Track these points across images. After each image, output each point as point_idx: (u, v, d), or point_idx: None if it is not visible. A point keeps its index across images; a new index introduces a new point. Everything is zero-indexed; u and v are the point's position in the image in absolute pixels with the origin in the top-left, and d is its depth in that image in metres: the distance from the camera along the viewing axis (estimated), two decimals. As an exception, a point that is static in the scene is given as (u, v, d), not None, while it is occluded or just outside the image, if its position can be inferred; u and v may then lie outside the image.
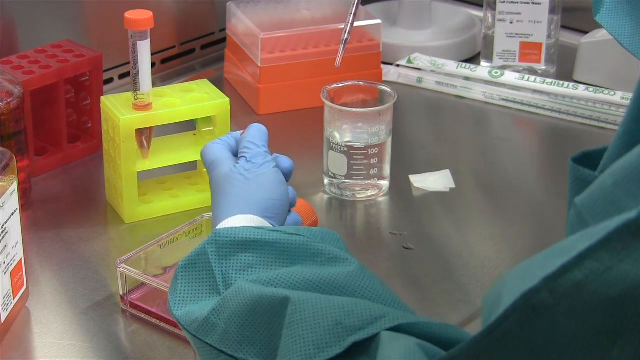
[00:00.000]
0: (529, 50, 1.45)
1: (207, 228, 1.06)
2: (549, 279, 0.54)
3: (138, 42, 1.08)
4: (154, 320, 0.98)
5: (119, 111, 1.10)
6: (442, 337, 0.68)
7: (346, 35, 1.27)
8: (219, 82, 1.43)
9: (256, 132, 0.93)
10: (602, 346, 0.54)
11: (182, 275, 0.80)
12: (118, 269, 0.99)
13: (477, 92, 1.43)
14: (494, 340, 0.56)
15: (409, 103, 1.42)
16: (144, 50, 1.09)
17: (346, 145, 1.16)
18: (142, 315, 0.99)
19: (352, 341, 0.67)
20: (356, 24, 1.39)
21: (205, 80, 1.18)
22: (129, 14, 1.07)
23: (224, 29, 1.47)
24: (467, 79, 1.44)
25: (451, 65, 1.45)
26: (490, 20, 1.46)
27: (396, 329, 0.68)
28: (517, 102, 1.41)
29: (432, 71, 1.46)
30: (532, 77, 1.41)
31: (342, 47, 1.26)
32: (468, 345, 0.57)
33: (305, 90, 1.36)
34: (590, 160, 0.68)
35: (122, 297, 1.00)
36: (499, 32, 1.45)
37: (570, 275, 0.54)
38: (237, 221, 0.84)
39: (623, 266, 0.53)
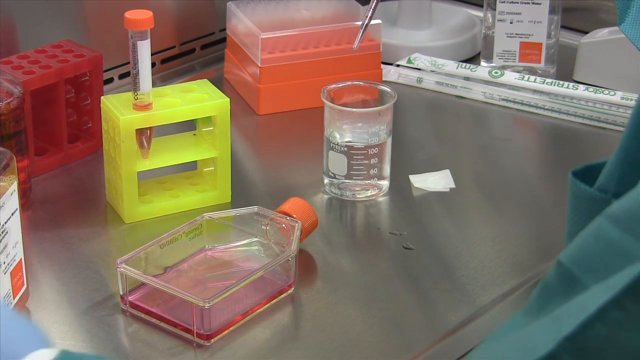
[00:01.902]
0: (529, 50, 1.45)
1: (207, 228, 1.06)
2: (568, 339, 0.50)
3: (138, 42, 1.08)
4: (154, 320, 0.98)
5: (119, 111, 1.10)
6: None
7: (367, 20, 1.29)
8: (219, 82, 1.43)
9: None
10: None
11: None
12: (118, 269, 0.99)
13: (477, 92, 1.43)
14: None
15: (409, 103, 1.42)
16: (144, 50, 1.09)
17: (346, 145, 1.16)
18: (142, 315, 0.99)
19: None
20: (355, 24, 1.39)
21: (205, 80, 1.18)
22: (129, 14, 1.07)
23: (224, 29, 1.47)
24: (467, 79, 1.44)
25: (451, 65, 1.45)
26: (490, 20, 1.46)
27: None
28: (517, 102, 1.41)
29: (432, 71, 1.46)
30: (532, 77, 1.41)
31: (361, 31, 1.29)
32: None
33: (305, 90, 1.36)
34: (593, 173, 0.66)
35: (122, 297, 1.00)
36: (499, 32, 1.45)
37: (591, 331, 0.50)
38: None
39: None
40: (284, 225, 1.05)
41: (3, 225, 0.92)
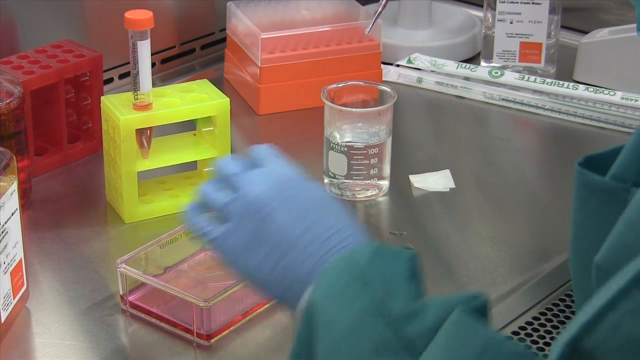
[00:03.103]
0: (529, 50, 1.45)
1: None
2: (587, 324, 0.53)
3: (138, 42, 1.08)
4: (154, 320, 0.98)
5: (119, 111, 1.10)
6: None
7: (380, 8, 1.34)
8: (219, 82, 1.43)
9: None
10: None
11: None
12: (118, 269, 0.99)
13: (477, 92, 1.43)
14: None
15: (409, 103, 1.42)
16: (144, 50, 1.09)
17: (346, 145, 1.16)
18: (142, 315, 0.99)
19: None
20: (355, 24, 1.40)
21: (205, 80, 1.18)
22: (129, 14, 1.07)
23: (224, 29, 1.47)
24: (467, 79, 1.44)
25: (451, 65, 1.45)
26: (490, 20, 1.46)
27: None
28: (517, 102, 1.41)
29: (432, 71, 1.46)
30: (532, 77, 1.41)
31: (375, 17, 1.35)
32: None
33: (305, 90, 1.36)
34: (595, 163, 0.66)
35: (122, 297, 1.00)
36: (499, 32, 1.45)
37: (606, 318, 0.53)
38: None
39: None
40: (284, 225, 1.05)
41: (3, 225, 0.92)
